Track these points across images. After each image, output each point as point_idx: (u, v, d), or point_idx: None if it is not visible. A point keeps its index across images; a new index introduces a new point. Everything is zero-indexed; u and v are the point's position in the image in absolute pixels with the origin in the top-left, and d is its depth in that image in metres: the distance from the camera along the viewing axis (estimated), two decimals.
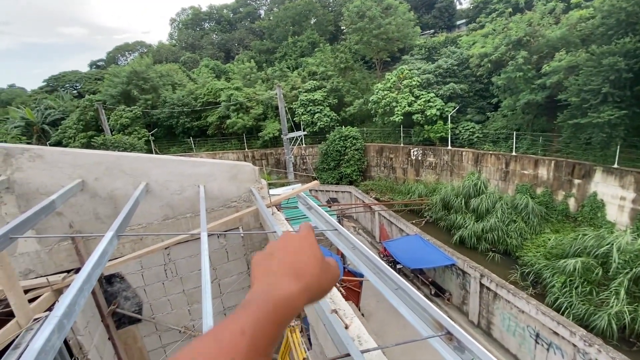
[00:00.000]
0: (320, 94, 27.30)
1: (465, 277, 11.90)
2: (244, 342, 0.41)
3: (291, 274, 0.55)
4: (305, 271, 0.56)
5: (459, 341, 2.27)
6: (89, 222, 4.36)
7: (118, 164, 4.26)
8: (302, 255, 0.59)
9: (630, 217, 13.58)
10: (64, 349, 3.83)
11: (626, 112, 12.92)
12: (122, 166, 4.28)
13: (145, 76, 30.42)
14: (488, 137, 20.16)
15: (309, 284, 0.55)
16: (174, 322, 5.22)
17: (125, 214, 3.22)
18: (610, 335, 10.06)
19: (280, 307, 0.48)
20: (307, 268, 0.57)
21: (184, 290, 5.18)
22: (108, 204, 4.37)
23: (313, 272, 0.57)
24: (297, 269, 0.56)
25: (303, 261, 0.58)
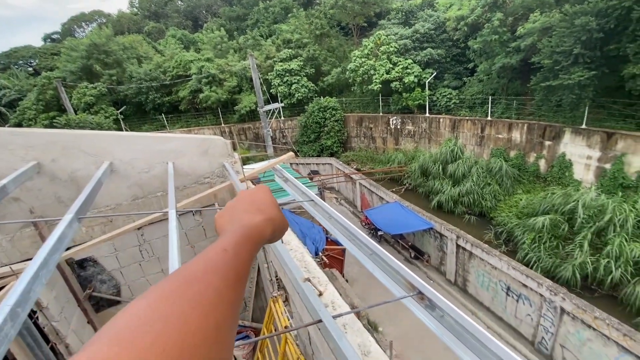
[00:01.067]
0: (296, 64, 26.35)
1: (443, 239, 12.42)
2: (227, 258, 0.47)
3: (253, 210, 0.64)
4: (265, 208, 0.65)
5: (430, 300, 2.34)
6: (51, 206, 4.12)
7: (76, 143, 3.97)
8: (259, 198, 0.68)
9: (595, 175, 14.35)
10: (39, 336, 3.74)
11: (595, 73, 13.23)
12: (80, 145, 3.99)
13: (106, 49, 28.22)
14: (465, 103, 20.34)
15: (271, 216, 0.64)
16: None
17: (87, 196, 3.03)
18: (575, 284, 10.92)
19: (252, 232, 0.57)
20: (266, 206, 0.66)
21: (162, 269, 5.11)
22: (70, 187, 4.11)
23: (272, 209, 0.66)
24: (258, 206, 0.65)
25: (261, 201, 0.67)
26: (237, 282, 0.46)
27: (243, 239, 0.53)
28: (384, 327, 11.00)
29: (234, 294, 0.44)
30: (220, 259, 0.46)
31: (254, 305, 6.04)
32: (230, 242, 0.50)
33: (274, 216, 0.65)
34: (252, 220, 0.60)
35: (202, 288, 0.40)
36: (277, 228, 0.65)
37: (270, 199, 0.69)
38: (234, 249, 0.49)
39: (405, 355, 10.10)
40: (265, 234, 0.60)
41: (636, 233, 10.92)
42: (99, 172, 3.74)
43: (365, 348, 1.95)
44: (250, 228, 0.57)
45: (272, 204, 0.68)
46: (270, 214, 0.64)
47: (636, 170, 12.97)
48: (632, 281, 10.16)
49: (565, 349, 8.92)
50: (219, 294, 0.41)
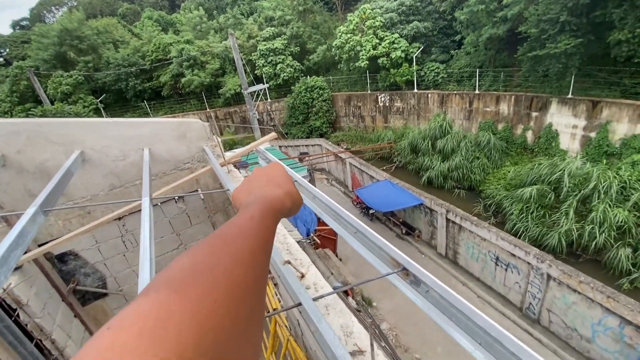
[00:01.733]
0: (280, 42, 25.50)
1: (433, 214, 12.55)
2: (254, 224, 0.49)
3: (272, 184, 0.66)
4: (282, 182, 0.67)
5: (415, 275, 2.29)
6: (22, 200, 3.92)
7: (41, 133, 3.73)
8: (276, 174, 0.70)
9: (580, 144, 14.51)
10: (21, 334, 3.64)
11: (582, 41, 13.09)
12: (46, 134, 3.76)
13: (79, 34, 26.79)
14: (452, 77, 20.10)
15: (288, 190, 0.66)
16: None
17: (53, 187, 2.85)
18: (561, 251, 11.23)
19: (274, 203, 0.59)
20: (283, 181, 0.68)
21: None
22: (40, 179, 3.90)
23: (289, 184, 0.68)
24: (276, 181, 0.67)
25: (278, 176, 0.69)
26: (265, 247, 0.48)
27: (266, 209, 0.55)
28: (378, 302, 11.25)
29: (263, 257, 0.47)
30: (248, 225, 0.48)
31: None
32: (255, 211, 0.52)
33: (291, 190, 0.67)
34: (274, 193, 0.62)
35: (239, 248, 0.42)
36: (294, 202, 0.67)
37: (286, 175, 0.71)
38: (259, 217, 0.51)
39: (399, 327, 10.41)
40: (285, 206, 0.62)
41: (619, 199, 11.18)
42: (69, 161, 3.53)
43: (348, 329, 1.90)
44: (272, 199, 0.59)
45: (288, 179, 0.70)
46: (287, 188, 0.66)
47: (620, 137, 13.13)
48: (615, 245, 10.48)
49: (552, 313, 9.27)
50: (254, 255, 0.43)
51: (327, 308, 2.04)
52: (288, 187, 0.67)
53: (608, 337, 7.97)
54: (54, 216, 4.20)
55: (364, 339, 1.85)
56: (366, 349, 1.77)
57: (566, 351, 8.92)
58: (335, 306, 2.05)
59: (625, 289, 9.80)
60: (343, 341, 1.82)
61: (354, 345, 1.79)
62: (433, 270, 13.21)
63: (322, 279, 2.33)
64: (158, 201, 4.66)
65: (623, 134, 13.03)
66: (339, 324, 1.93)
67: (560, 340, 9.19)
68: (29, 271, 4.02)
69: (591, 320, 8.21)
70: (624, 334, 7.58)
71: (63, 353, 4.19)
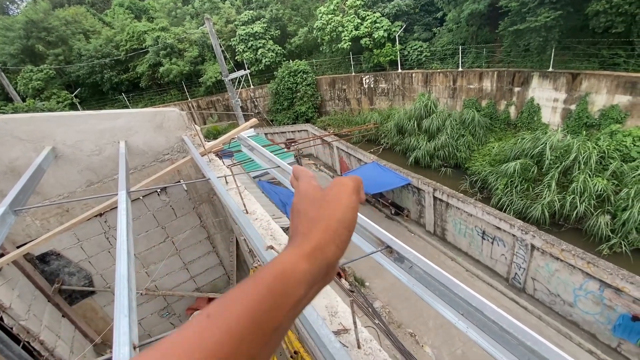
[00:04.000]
0: (259, 26, 24.74)
1: (420, 193, 12.71)
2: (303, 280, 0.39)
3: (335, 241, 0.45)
4: (344, 235, 0.46)
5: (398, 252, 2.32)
6: None
7: (7, 130, 3.55)
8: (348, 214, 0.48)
9: (561, 116, 14.77)
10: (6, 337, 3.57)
11: (561, 13, 13.12)
12: (13, 131, 3.58)
13: (46, 26, 25.38)
14: (436, 55, 19.98)
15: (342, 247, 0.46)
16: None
17: (23, 186, 2.74)
18: (544, 222, 11.61)
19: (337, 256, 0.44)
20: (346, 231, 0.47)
21: (135, 254, 4.93)
22: (11, 179, 3.74)
23: (348, 233, 0.48)
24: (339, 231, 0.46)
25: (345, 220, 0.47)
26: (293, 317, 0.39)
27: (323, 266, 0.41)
28: (371, 282, 11.49)
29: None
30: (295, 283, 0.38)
31: (237, 278, 6.04)
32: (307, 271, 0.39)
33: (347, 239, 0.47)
34: (333, 257, 0.44)
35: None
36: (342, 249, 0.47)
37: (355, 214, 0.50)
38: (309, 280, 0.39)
39: (392, 304, 10.69)
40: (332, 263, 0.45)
41: (598, 168, 11.52)
42: (39, 158, 3.39)
43: (333, 309, 1.91)
44: (329, 264, 0.43)
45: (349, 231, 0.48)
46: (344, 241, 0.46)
47: (599, 108, 13.41)
48: (594, 213, 10.88)
49: (536, 281, 9.64)
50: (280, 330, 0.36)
51: None
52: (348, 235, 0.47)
53: (589, 300, 8.37)
54: (30, 216, 4.06)
55: (348, 318, 1.86)
56: (351, 327, 1.79)
57: (550, 316, 9.35)
58: None
59: (605, 254, 10.25)
60: (328, 321, 1.83)
61: (338, 325, 1.81)
62: (422, 248, 13.51)
63: None
64: (140, 194, 4.56)
65: (602, 105, 13.30)
66: (323, 305, 1.94)
67: (545, 306, 9.61)
68: (9, 274, 3.91)
69: (573, 285, 8.59)
70: (604, 296, 7.97)
71: (53, 353, 4.14)
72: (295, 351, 3.50)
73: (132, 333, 1.41)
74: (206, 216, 5.27)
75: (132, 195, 4.31)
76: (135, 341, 1.40)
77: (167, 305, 5.66)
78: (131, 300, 1.58)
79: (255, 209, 2.99)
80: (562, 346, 8.68)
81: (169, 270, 5.37)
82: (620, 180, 11.18)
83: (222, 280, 6.06)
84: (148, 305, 5.41)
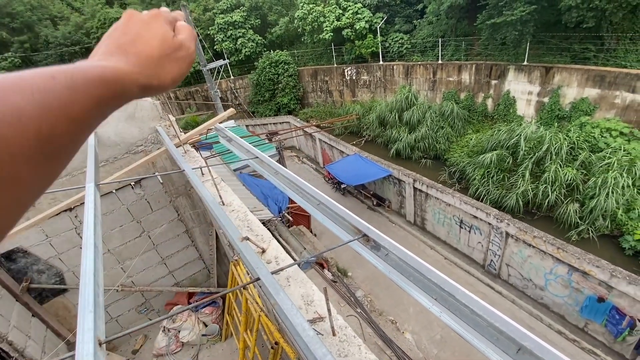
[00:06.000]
0: (239, 15, 24.11)
1: (401, 184, 12.92)
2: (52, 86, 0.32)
3: (119, 52, 0.45)
4: (138, 48, 0.46)
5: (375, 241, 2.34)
6: None
7: None
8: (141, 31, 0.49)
9: (535, 109, 15.29)
10: None
11: (535, 7, 13.47)
12: None
13: (10, 11, 23.80)
14: (416, 47, 20.14)
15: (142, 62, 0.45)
16: (109, 283, 4.91)
17: None
18: (518, 211, 12.07)
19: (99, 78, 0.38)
20: (142, 45, 0.47)
21: (109, 250, 4.76)
22: None
23: (151, 51, 0.47)
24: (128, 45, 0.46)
25: (139, 38, 0.48)
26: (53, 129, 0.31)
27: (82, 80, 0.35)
28: (353, 272, 11.64)
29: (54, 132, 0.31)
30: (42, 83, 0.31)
31: (218, 271, 5.97)
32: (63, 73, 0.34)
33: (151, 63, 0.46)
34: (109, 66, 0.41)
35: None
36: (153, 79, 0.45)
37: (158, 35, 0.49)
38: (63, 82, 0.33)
39: (374, 292, 10.89)
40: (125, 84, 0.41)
41: (569, 159, 12.05)
42: None
43: (309, 297, 1.91)
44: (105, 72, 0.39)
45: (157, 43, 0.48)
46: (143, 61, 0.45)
47: (570, 101, 13.96)
48: (564, 202, 11.41)
49: (510, 267, 10.07)
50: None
51: (288, 280, 2.04)
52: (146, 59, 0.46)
53: (558, 284, 8.83)
54: None
55: (324, 306, 1.87)
56: (326, 314, 1.80)
57: (523, 300, 9.81)
58: (297, 277, 2.05)
59: (573, 240, 10.80)
60: (304, 310, 1.83)
61: (314, 313, 1.81)
62: (403, 238, 13.73)
63: (283, 253, 2.31)
64: (112, 188, 4.38)
65: (573, 98, 13.86)
66: (299, 294, 1.93)
67: (518, 290, 10.07)
68: None
69: (544, 270, 9.02)
70: (572, 279, 8.42)
71: (23, 353, 3.98)
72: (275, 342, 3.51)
73: (98, 329, 1.36)
74: (184, 209, 5.15)
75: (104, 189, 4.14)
76: (101, 337, 1.35)
77: (145, 301, 5.53)
78: (97, 296, 1.52)
79: (232, 201, 2.93)
80: (533, 327, 9.15)
81: (146, 266, 5.24)
82: (589, 170, 11.75)
83: (202, 275, 5.97)
84: (125, 302, 5.27)
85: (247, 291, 3.61)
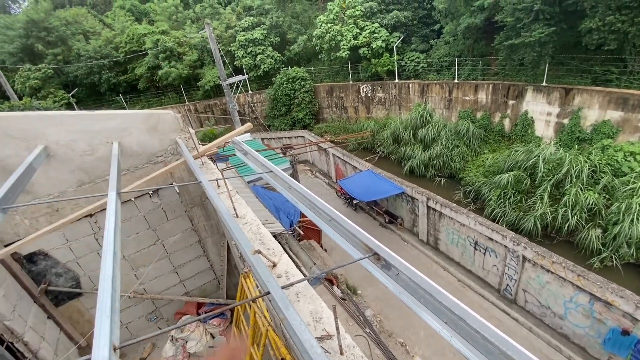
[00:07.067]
0: (259, 32, 24.98)
1: (414, 202, 12.77)
2: None
3: None
4: None
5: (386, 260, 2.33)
6: None
7: (0, 128, 3.53)
8: None
9: (554, 130, 15.00)
10: None
11: (555, 29, 13.42)
12: (6, 129, 3.57)
13: (47, 26, 25.40)
14: (432, 66, 20.28)
15: None
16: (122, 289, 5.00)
17: (12, 184, 2.72)
18: (536, 234, 11.68)
19: None
20: None
21: (124, 256, 4.88)
22: (2, 176, 3.71)
23: None
24: None
25: None
26: None
27: None
28: (363, 290, 11.43)
29: None
30: None
31: (227, 283, 5.99)
32: None
33: None
34: None
35: None
36: None
37: None
38: None
39: (384, 312, 10.63)
40: None
41: (590, 182, 11.67)
42: (31, 157, 3.37)
43: (317, 314, 1.91)
44: None
45: None
46: None
47: (591, 123, 13.64)
48: (586, 227, 10.98)
49: (527, 293, 9.67)
50: None
51: (297, 295, 2.04)
52: None
53: (579, 313, 8.40)
54: (20, 215, 4.02)
55: (333, 324, 1.87)
56: (334, 333, 1.79)
57: (540, 328, 9.36)
58: (306, 293, 2.06)
59: (596, 268, 10.32)
60: (312, 327, 1.83)
61: (322, 330, 1.81)
62: (415, 257, 13.49)
63: (293, 268, 2.33)
64: (131, 196, 4.54)
65: (594, 120, 13.54)
66: (308, 310, 1.94)
67: (535, 318, 9.63)
68: None
69: (563, 298, 8.62)
70: (594, 309, 8.00)
71: (37, 355, 4.07)
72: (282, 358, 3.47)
73: (114, 335, 1.41)
74: (197, 220, 5.25)
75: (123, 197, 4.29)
76: (116, 343, 1.40)
77: (156, 309, 5.59)
78: (114, 302, 1.58)
79: (246, 213, 2.99)
80: (552, 359, 8.68)
81: (158, 274, 5.32)
82: (612, 195, 11.32)
83: (212, 285, 6.01)
84: (136, 309, 5.34)
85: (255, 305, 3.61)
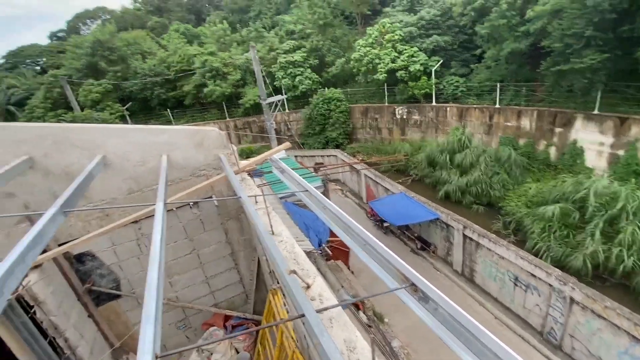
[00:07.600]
0: (300, 55, 26.02)
1: (449, 229, 12.23)
2: None
3: None
4: None
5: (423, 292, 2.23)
6: (47, 202, 4.09)
7: (66, 137, 3.92)
8: None
9: (608, 161, 13.89)
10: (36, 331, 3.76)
11: (608, 56, 12.70)
12: (71, 139, 3.95)
13: (110, 46, 28.30)
14: (472, 91, 19.84)
15: None
16: None
17: (74, 189, 2.98)
18: (585, 274, 10.65)
19: None
20: None
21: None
22: (65, 182, 4.07)
23: None
24: None
25: None
26: None
27: None
28: (391, 318, 10.95)
29: None
30: None
31: (255, 298, 6.02)
32: None
33: None
34: None
35: None
36: None
37: None
38: None
39: (412, 345, 10.06)
40: None
41: None
42: (91, 165, 3.69)
43: (351, 344, 1.86)
44: None
45: None
46: None
47: None
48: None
49: (575, 339, 8.74)
50: None
51: (331, 321, 2.00)
52: None
53: None
54: (74, 217, 4.37)
55: (367, 355, 1.80)
56: None
57: None
58: (339, 319, 2.01)
59: None
60: (345, 356, 1.77)
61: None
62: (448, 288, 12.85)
63: (327, 291, 2.30)
64: (174, 206, 4.78)
65: None
66: (342, 338, 1.89)
67: None
68: (47, 270, 4.17)
69: (617, 348, 7.69)
70: None
71: (75, 352, 4.28)
72: None
73: (156, 343, 1.46)
74: (232, 233, 5.39)
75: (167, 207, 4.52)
76: (157, 351, 1.44)
77: (185, 317, 5.72)
78: (158, 310, 1.64)
79: (282, 231, 3.03)
80: None
81: (190, 283, 5.48)
82: None
83: (240, 299, 6.06)
84: (167, 316, 5.50)
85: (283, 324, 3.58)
